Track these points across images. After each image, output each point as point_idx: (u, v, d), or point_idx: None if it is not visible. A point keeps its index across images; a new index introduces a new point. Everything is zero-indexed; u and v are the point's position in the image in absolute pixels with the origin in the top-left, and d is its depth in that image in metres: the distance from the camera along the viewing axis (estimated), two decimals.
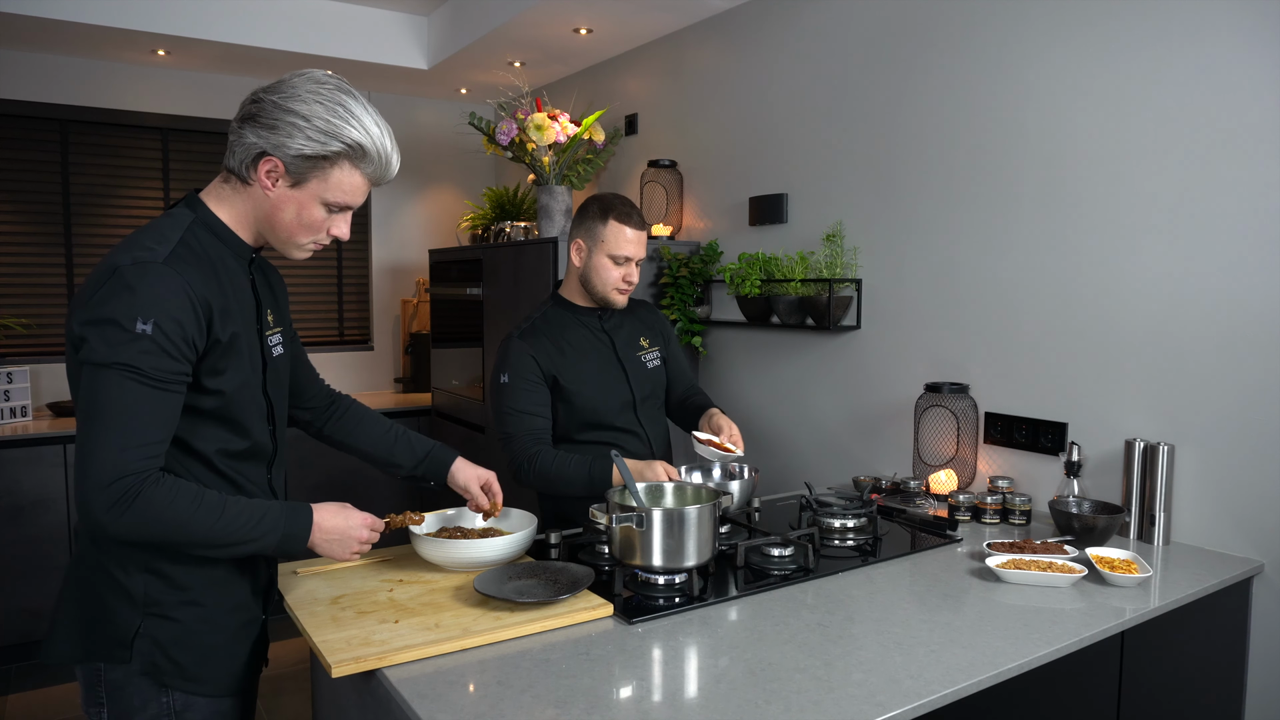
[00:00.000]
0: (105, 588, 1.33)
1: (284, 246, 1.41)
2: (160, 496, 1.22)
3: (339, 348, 4.79)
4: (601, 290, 2.12)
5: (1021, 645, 1.44)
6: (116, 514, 1.20)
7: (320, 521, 1.39)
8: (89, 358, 1.21)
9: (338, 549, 1.43)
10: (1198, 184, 1.98)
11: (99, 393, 1.21)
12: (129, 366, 1.20)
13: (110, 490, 1.19)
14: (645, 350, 2.24)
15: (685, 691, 1.27)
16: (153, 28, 3.58)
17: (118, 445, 1.20)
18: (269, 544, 1.33)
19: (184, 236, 1.31)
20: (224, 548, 1.29)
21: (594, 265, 2.10)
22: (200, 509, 1.26)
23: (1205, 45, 1.95)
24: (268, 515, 1.33)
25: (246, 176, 1.35)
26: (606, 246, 2.08)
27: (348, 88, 1.35)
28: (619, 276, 2.10)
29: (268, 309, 1.48)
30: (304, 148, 1.30)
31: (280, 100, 1.31)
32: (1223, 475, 1.97)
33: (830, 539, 1.97)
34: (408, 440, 1.74)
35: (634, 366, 2.20)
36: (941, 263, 2.54)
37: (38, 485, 3.48)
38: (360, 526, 1.44)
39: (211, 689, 1.39)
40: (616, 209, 2.08)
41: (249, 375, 1.40)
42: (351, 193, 1.37)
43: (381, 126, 1.37)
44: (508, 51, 3.90)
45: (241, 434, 1.40)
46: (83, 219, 4.15)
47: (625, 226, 2.07)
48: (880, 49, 2.69)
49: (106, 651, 1.33)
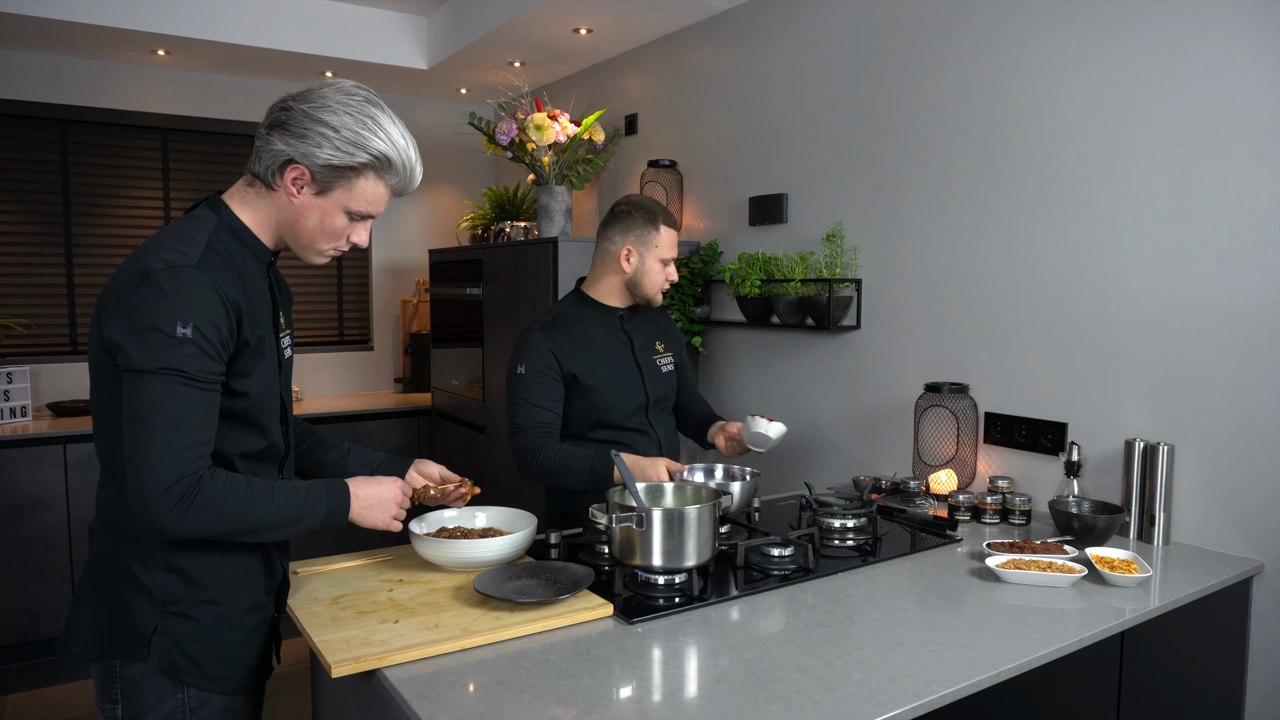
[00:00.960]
0: (125, 586, 1.34)
1: (304, 252, 1.45)
2: (217, 491, 1.27)
3: (339, 348, 4.79)
4: (651, 291, 2.19)
5: (1021, 645, 1.44)
6: (179, 513, 1.24)
7: (356, 492, 1.45)
8: (132, 364, 1.23)
9: (378, 513, 1.48)
10: (1198, 184, 1.98)
11: (146, 398, 1.23)
12: (176, 370, 1.23)
13: (171, 493, 1.23)
14: (660, 354, 2.28)
15: (685, 691, 1.27)
16: (153, 28, 3.58)
17: (172, 449, 1.24)
18: (316, 519, 1.39)
19: (210, 240, 1.33)
20: (279, 529, 1.35)
21: (646, 270, 2.17)
22: (253, 497, 1.31)
23: (1205, 45, 1.95)
24: (311, 493, 1.39)
25: (272, 182, 1.37)
26: (659, 251, 2.16)
27: (376, 99, 1.38)
28: (665, 277, 2.19)
29: (281, 311, 1.50)
30: (331, 158, 1.33)
31: (310, 109, 1.33)
32: (1223, 475, 1.97)
33: (830, 539, 1.97)
34: (371, 452, 1.73)
35: (650, 369, 2.23)
36: (941, 263, 2.54)
37: (38, 485, 3.48)
38: (395, 490, 1.50)
39: (227, 686, 1.41)
40: (664, 214, 2.17)
41: (271, 378, 1.42)
42: (375, 202, 1.41)
43: (408, 139, 1.40)
44: (508, 51, 3.90)
45: (262, 435, 1.42)
46: (83, 219, 4.15)
47: (673, 230, 2.18)
48: (880, 49, 2.69)
49: (124, 649, 1.34)
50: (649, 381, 2.21)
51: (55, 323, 4.12)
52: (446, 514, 1.84)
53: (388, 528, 1.51)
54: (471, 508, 1.88)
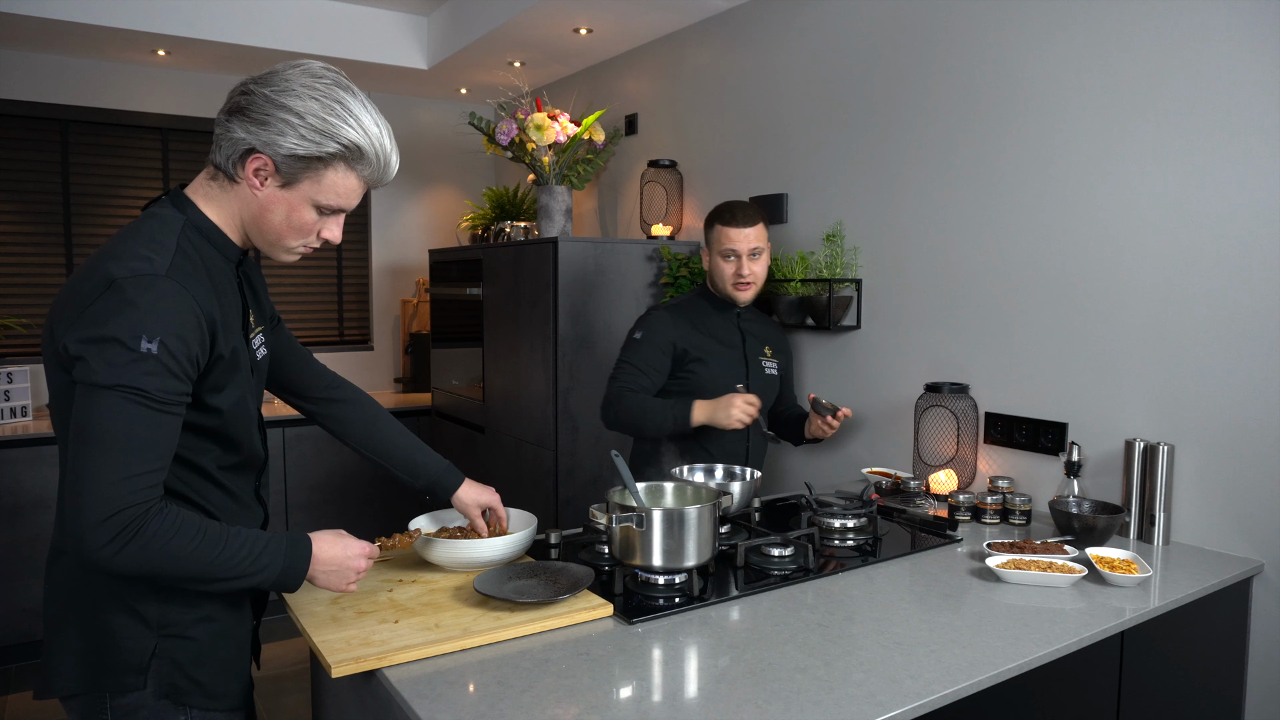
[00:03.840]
0: (111, 612, 1.25)
1: (272, 250, 1.33)
2: (164, 530, 1.14)
3: (339, 348, 4.79)
4: (723, 286, 2.32)
5: (1021, 645, 1.44)
6: (115, 548, 1.11)
7: (318, 553, 1.32)
8: (87, 378, 1.11)
9: (335, 579, 1.35)
10: (1198, 183, 1.98)
11: (97, 416, 1.11)
12: (133, 389, 1.11)
13: (109, 524, 1.10)
14: (767, 358, 2.43)
15: (685, 691, 1.27)
16: (153, 28, 3.58)
17: (118, 474, 1.11)
18: (268, 578, 1.25)
19: (179, 242, 1.22)
20: (221, 582, 1.20)
21: (714, 267, 2.33)
22: (203, 542, 1.18)
23: (1206, 44, 1.95)
24: (269, 548, 1.25)
25: (233, 174, 1.25)
26: (717, 246, 2.30)
27: (346, 83, 1.27)
28: (732, 272, 2.28)
29: (250, 310, 1.39)
30: (296, 147, 1.22)
31: (272, 94, 1.21)
32: (1223, 475, 1.97)
33: (830, 539, 1.97)
34: (424, 453, 1.69)
35: (755, 366, 2.39)
36: (942, 263, 2.54)
37: (38, 485, 3.48)
38: (357, 556, 1.37)
39: (229, 702, 1.36)
40: (721, 213, 2.30)
41: (245, 389, 1.34)
42: (346, 195, 1.29)
43: (381, 126, 1.28)
44: (508, 51, 3.90)
45: (237, 448, 1.35)
46: (83, 219, 4.15)
47: (728, 227, 2.27)
48: (880, 49, 2.69)
49: (114, 680, 1.25)
50: (752, 374, 2.36)
51: None
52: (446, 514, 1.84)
53: (342, 591, 1.39)
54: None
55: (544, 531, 1.89)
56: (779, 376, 2.48)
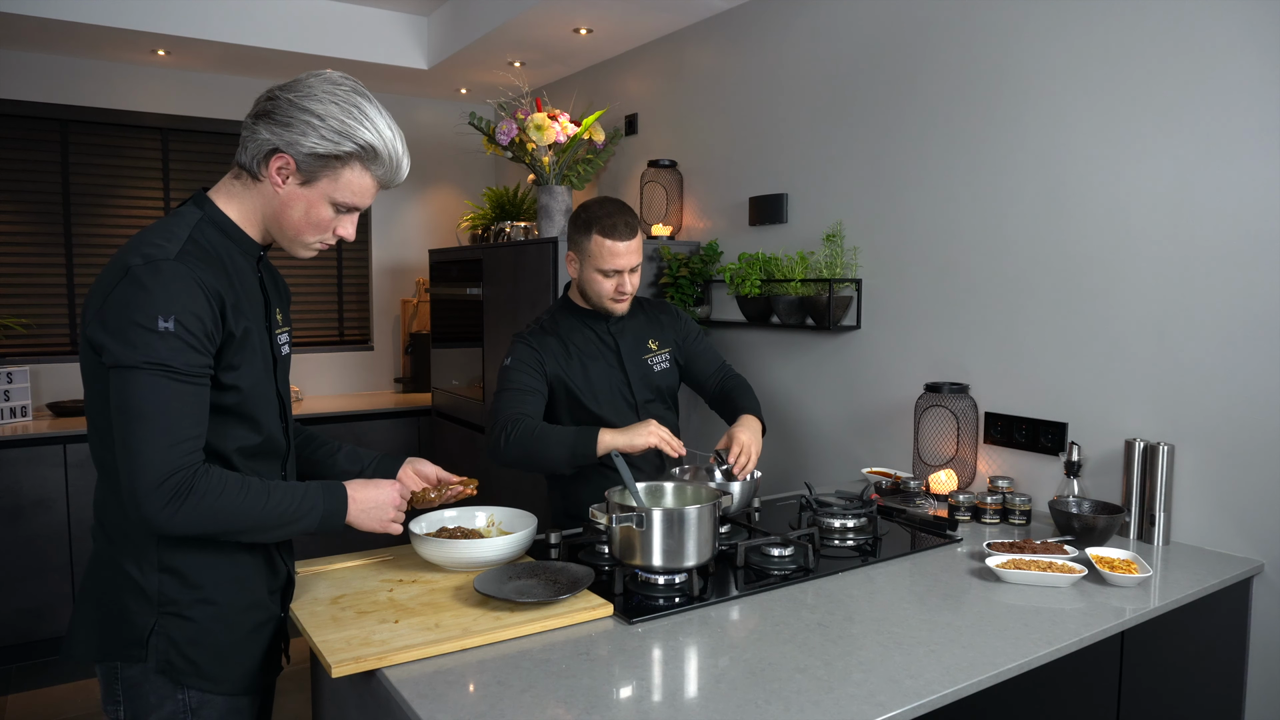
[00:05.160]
0: (122, 586, 1.34)
1: (290, 245, 1.43)
2: (212, 486, 1.27)
3: (339, 348, 4.79)
4: (598, 301, 2.11)
5: (1021, 645, 1.44)
6: (173, 510, 1.23)
7: (354, 495, 1.44)
8: (117, 361, 1.23)
9: (376, 516, 1.47)
10: (1198, 183, 1.98)
11: (134, 394, 1.22)
12: (160, 365, 1.23)
13: (164, 488, 1.23)
14: (654, 353, 2.23)
15: (685, 691, 1.27)
16: (153, 28, 3.58)
17: (164, 443, 1.23)
18: (313, 521, 1.38)
19: (192, 234, 1.33)
20: (273, 529, 1.34)
21: (586, 278, 2.09)
22: (249, 494, 1.31)
23: (1206, 44, 1.95)
24: (308, 494, 1.38)
25: (257, 172, 1.36)
26: (594, 261, 2.05)
27: (363, 90, 1.38)
28: (612, 288, 2.08)
29: (276, 308, 1.49)
30: (316, 146, 1.33)
31: (296, 98, 1.33)
32: (1223, 475, 1.97)
33: (830, 539, 1.97)
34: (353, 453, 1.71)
35: (637, 370, 2.19)
36: (941, 262, 2.54)
37: (38, 485, 3.48)
38: (393, 493, 1.50)
39: (227, 687, 1.40)
40: (601, 222, 2.03)
41: (262, 371, 1.41)
42: (360, 194, 1.40)
43: (394, 130, 1.39)
44: (508, 51, 3.90)
45: (258, 430, 1.41)
46: (83, 219, 4.15)
47: (609, 240, 2.02)
48: (880, 49, 2.69)
49: (123, 650, 1.34)
50: (635, 383, 2.18)
51: (55, 323, 4.12)
52: (446, 514, 1.84)
53: (385, 531, 1.50)
54: (471, 507, 1.88)
55: (544, 531, 1.89)
56: (676, 364, 2.27)
